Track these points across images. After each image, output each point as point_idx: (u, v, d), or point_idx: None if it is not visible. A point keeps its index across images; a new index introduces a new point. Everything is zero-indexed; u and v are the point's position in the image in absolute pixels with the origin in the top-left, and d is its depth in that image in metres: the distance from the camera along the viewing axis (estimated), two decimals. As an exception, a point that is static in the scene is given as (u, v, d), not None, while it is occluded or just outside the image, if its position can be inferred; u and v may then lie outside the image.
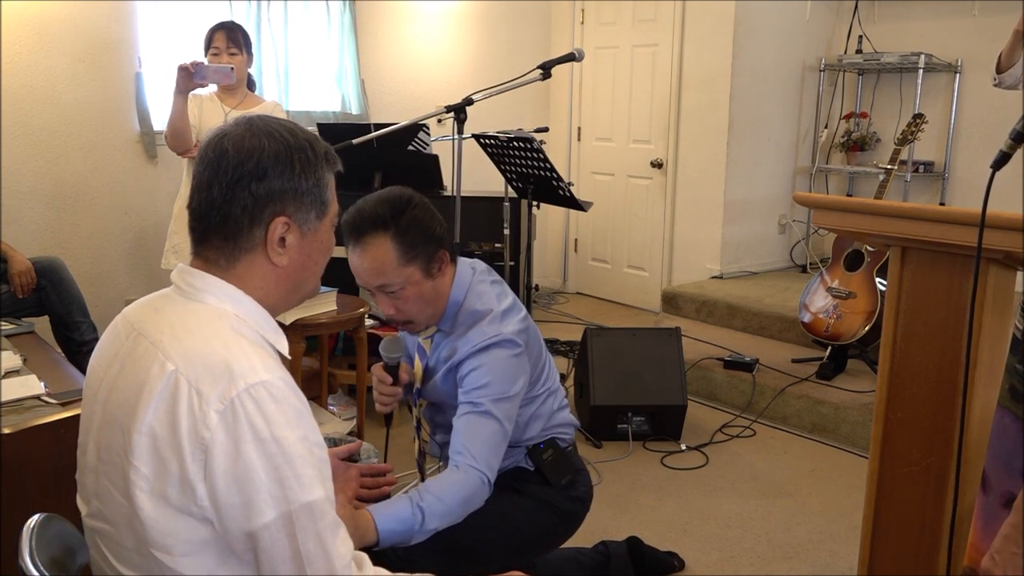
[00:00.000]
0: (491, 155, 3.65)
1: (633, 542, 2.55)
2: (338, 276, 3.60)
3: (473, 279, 1.88)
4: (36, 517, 1.27)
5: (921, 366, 1.83)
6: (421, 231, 1.74)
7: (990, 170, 1.45)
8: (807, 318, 3.95)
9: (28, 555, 1.18)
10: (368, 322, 3.58)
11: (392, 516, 1.60)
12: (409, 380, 1.97)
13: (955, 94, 4.87)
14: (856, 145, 5.28)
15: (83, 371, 3.58)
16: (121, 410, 1.11)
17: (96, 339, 3.64)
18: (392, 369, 1.92)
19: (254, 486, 1.05)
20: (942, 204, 4.96)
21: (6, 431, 1.95)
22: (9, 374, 2.55)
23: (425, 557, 1.66)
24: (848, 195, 5.50)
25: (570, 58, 3.02)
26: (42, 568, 1.17)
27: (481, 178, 4.55)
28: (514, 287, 4.00)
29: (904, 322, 1.85)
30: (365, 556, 1.19)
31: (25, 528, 1.23)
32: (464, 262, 1.91)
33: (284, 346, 1.23)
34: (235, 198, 1.15)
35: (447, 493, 1.67)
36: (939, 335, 1.79)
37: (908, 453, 1.88)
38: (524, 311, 1.91)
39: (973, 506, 1.75)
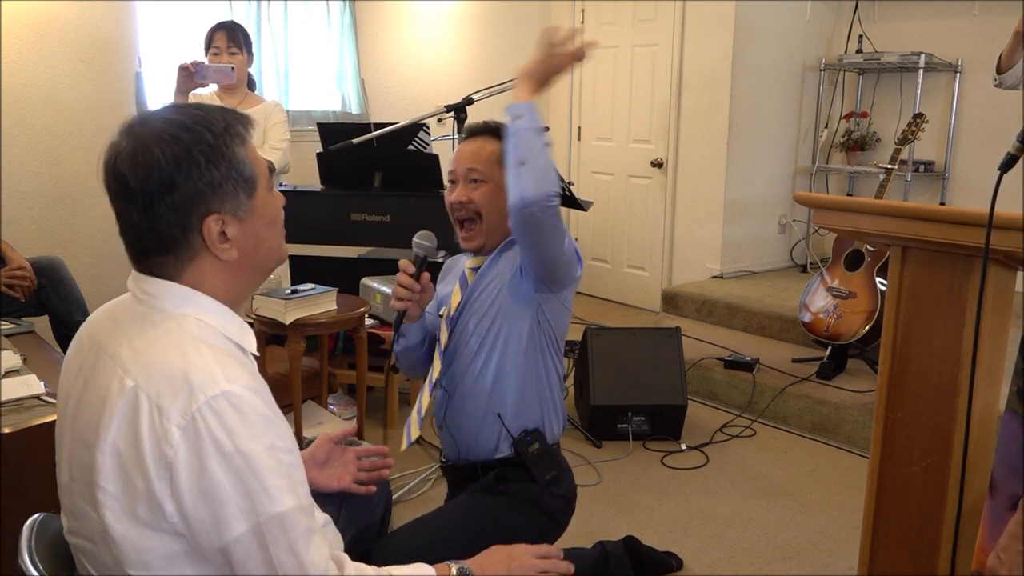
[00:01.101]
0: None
1: (630, 541, 2.55)
2: (338, 276, 3.62)
3: None
4: (36, 516, 1.27)
5: (921, 366, 1.83)
6: None
7: (997, 172, 1.45)
8: (807, 318, 3.95)
9: (27, 555, 1.18)
10: (368, 322, 3.58)
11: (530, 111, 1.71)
12: (428, 296, 1.94)
13: (955, 94, 4.87)
14: (856, 145, 5.28)
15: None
16: (86, 428, 1.09)
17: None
18: (419, 260, 1.89)
19: (221, 501, 1.03)
20: (942, 204, 4.96)
21: (6, 431, 1.96)
22: (9, 373, 2.55)
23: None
24: (848, 195, 5.49)
25: (570, 58, 3.01)
26: (41, 568, 1.17)
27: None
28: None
29: (904, 322, 1.85)
30: (345, 557, 1.18)
31: (24, 528, 1.23)
32: None
33: (251, 343, 1.20)
34: (156, 217, 1.09)
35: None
36: (939, 335, 1.79)
37: (908, 453, 1.88)
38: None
39: (976, 507, 1.75)
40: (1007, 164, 1.43)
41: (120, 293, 1.26)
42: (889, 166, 3.78)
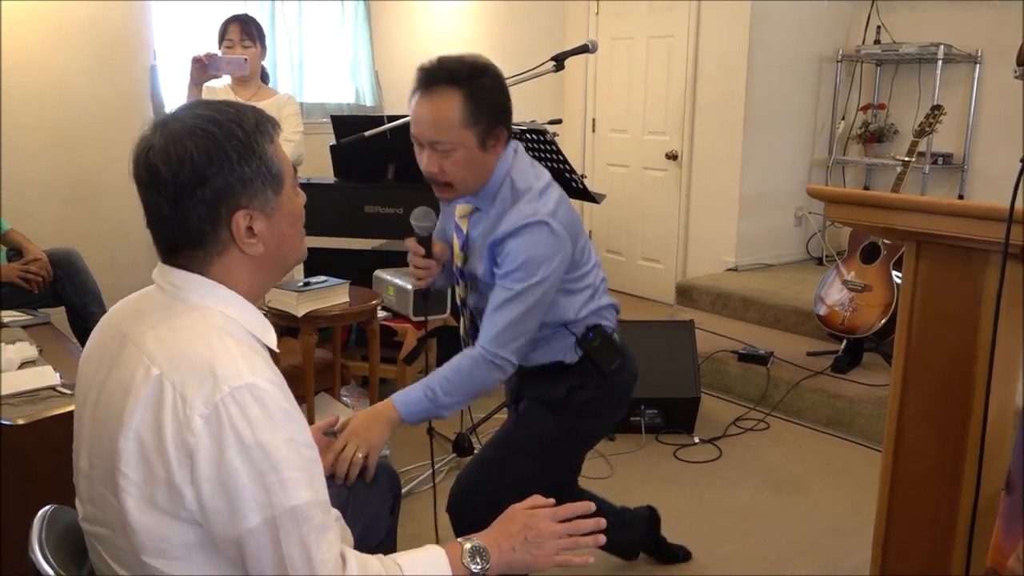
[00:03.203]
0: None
1: (653, 512, 2.56)
2: (351, 268, 3.62)
3: (515, 158, 1.87)
4: (47, 508, 1.28)
5: (936, 361, 1.81)
6: (490, 101, 1.76)
7: (1020, 164, 1.42)
8: (823, 311, 3.92)
9: (38, 546, 1.19)
10: (380, 314, 3.59)
11: (409, 402, 1.77)
12: (445, 257, 2.00)
13: (975, 85, 4.81)
14: (874, 137, 5.23)
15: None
16: (108, 415, 1.10)
17: (112, 330, 3.67)
18: (425, 240, 1.93)
19: (238, 491, 1.04)
20: (961, 196, 4.91)
21: (20, 421, 1.97)
22: (25, 364, 2.57)
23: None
24: (865, 187, 5.45)
25: (583, 50, 2.99)
26: (51, 559, 1.18)
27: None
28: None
29: (919, 317, 1.83)
30: (349, 551, 1.17)
31: (35, 520, 1.24)
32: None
33: (272, 339, 1.21)
34: (186, 210, 1.11)
35: (454, 371, 1.79)
36: (954, 330, 1.77)
37: (922, 449, 1.86)
38: (560, 189, 1.89)
39: (990, 504, 1.73)
40: None
41: (136, 284, 1.27)
42: (906, 159, 3.73)
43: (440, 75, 1.75)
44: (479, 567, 1.25)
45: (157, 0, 4.23)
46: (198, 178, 1.10)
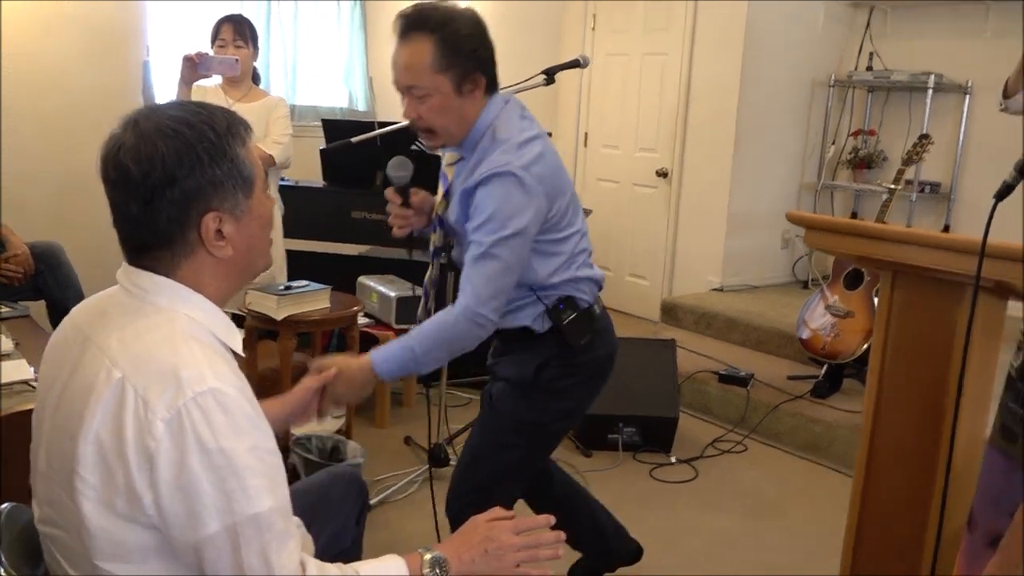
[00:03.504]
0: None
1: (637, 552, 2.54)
2: (336, 273, 3.61)
3: (503, 109, 1.87)
4: (4, 506, 1.26)
5: (908, 392, 1.82)
6: (463, 46, 1.78)
7: (993, 200, 1.44)
8: (805, 334, 3.93)
9: (-9, 545, 1.17)
10: (363, 320, 3.58)
11: (388, 359, 1.76)
12: (427, 205, 2.02)
13: (964, 115, 4.84)
14: (863, 162, 5.26)
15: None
16: (69, 417, 1.09)
17: (91, 326, 3.65)
18: (401, 190, 1.96)
19: (199, 497, 1.03)
20: (947, 226, 4.94)
21: (-10, 416, 1.95)
22: (1, 358, 2.55)
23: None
24: (853, 213, 5.47)
25: (575, 64, 3.00)
26: (3, 559, 1.16)
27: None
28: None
29: (892, 347, 1.84)
30: (308, 558, 1.16)
31: (-9, 518, 1.23)
32: (500, 95, 1.90)
33: (237, 343, 1.21)
34: (155, 211, 1.10)
35: (435, 327, 1.79)
36: (926, 361, 1.78)
37: (892, 479, 1.87)
38: (547, 146, 1.86)
39: (956, 535, 1.73)
40: (1003, 193, 1.42)
41: None
42: (892, 186, 3.75)
43: (414, 21, 1.78)
44: None
45: (152, -3, 4.23)
46: (168, 179, 1.09)
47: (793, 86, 5.23)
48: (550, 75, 2.95)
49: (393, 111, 5.10)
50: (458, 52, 1.78)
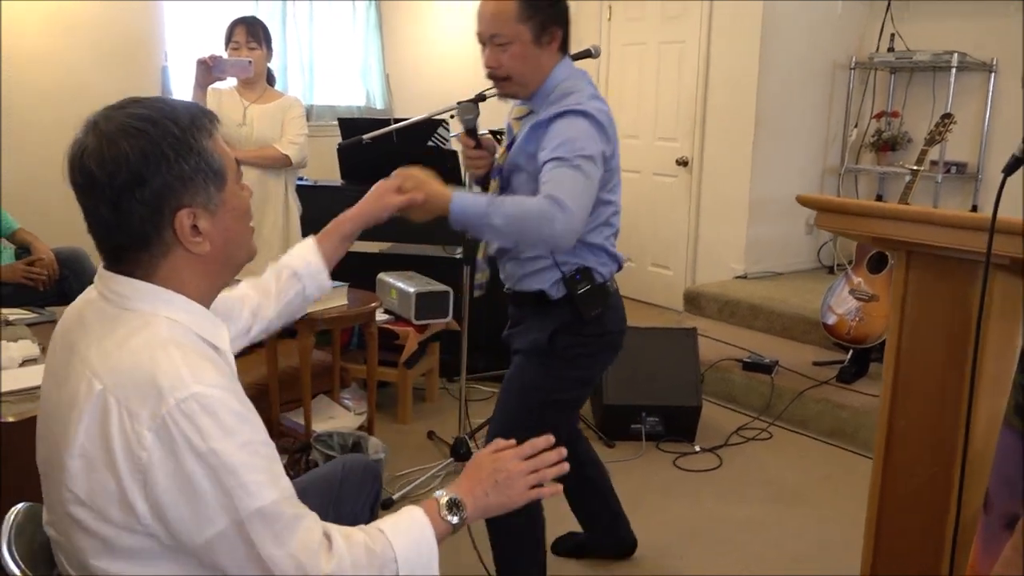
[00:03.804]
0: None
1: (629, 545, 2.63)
2: (355, 270, 3.63)
3: (575, 73, 2.03)
4: (18, 507, 1.29)
5: (926, 375, 1.79)
6: (546, 4, 1.95)
7: (1001, 175, 1.41)
8: (830, 320, 3.88)
9: (5, 545, 1.19)
10: (382, 317, 3.60)
11: (466, 207, 1.76)
12: (493, 148, 2.13)
13: (990, 94, 4.75)
14: (887, 145, 5.18)
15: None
16: (56, 429, 1.10)
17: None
18: (472, 132, 2.09)
19: (200, 497, 1.03)
20: (974, 206, 4.84)
21: (10, 419, 1.99)
22: (26, 362, 2.60)
23: None
24: (878, 196, 5.39)
25: (586, 55, 2.96)
26: (17, 557, 1.18)
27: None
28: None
29: (909, 329, 1.80)
30: (336, 529, 1.16)
31: (7, 517, 1.25)
32: (576, 64, 2.07)
33: (224, 339, 1.20)
34: (127, 213, 1.08)
35: (522, 203, 1.80)
36: (944, 343, 1.74)
37: (912, 464, 1.84)
38: (608, 110, 1.98)
39: (976, 519, 1.70)
40: (1011, 167, 1.39)
41: None
42: (915, 167, 3.69)
43: None
44: (457, 518, 1.25)
45: (169, 0, 4.27)
46: (136, 179, 1.07)
47: (813, 69, 5.16)
48: (561, 66, 2.94)
49: (410, 108, 5.14)
50: (539, 4, 1.93)
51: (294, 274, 1.59)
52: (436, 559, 1.21)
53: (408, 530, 1.21)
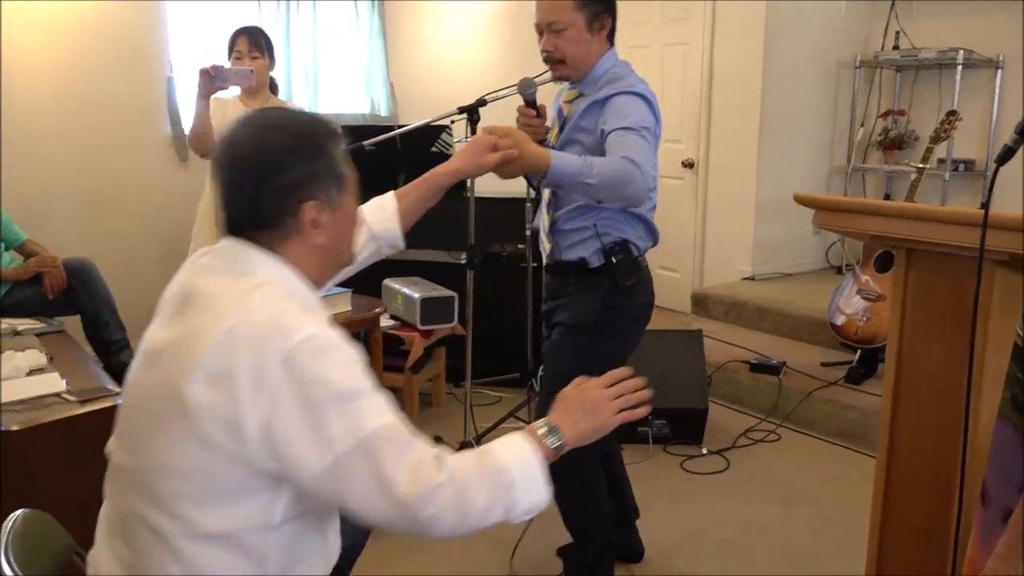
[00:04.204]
0: (511, 156, 3.64)
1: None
2: (360, 276, 3.63)
3: (619, 62, 2.26)
4: (18, 513, 1.30)
5: (927, 373, 1.78)
6: None
7: (994, 164, 1.40)
8: (838, 320, 3.86)
9: (3, 550, 1.20)
10: (388, 322, 3.60)
11: (564, 165, 1.91)
12: (548, 118, 2.30)
13: (996, 90, 4.72)
14: (894, 143, 5.15)
15: (111, 369, 3.68)
16: (174, 365, 1.17)
17: (124, 338, 3.73)
18: (532, 103, 2.26)
19: (325, 424, 1.12)
20: (983, 203, 4.80)
21: (14, 427, 2.00)
22: (33, 372, 2.62)
23: None
24: (886, 195, 5.37)
25: (587, 58, 2.99)
26: (14, 563, 1.19)
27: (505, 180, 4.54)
28: (537, 288, 4.00)
29: (910, 327, 1.80)
30: (445, 453, 1.22)
31: (5, 524, 1.26)
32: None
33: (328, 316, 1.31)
34: (262, 195, 1.23)
35: (611, 163, 1.95)
36: (945, 340, 1.73)
37: (915, 463, 1.83)
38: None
39: (979, 517, 1.69)
40: (1003, 157, 1.38)
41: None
42: (921, 165, 3.67)
43: None
44: (557, 442, 1.32)
45: (173, 9, 4.30)
46: (277, 168, 1.22)
47: (818, 69, 5.15)
48: (560, 69, 2.95)
49: (415, 116, 5.15)
50: None
51: (372, 236, 1.75)
52: (545, 480, 1.27)
53: (515, 452, 1.27)
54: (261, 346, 1.12)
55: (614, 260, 2.20)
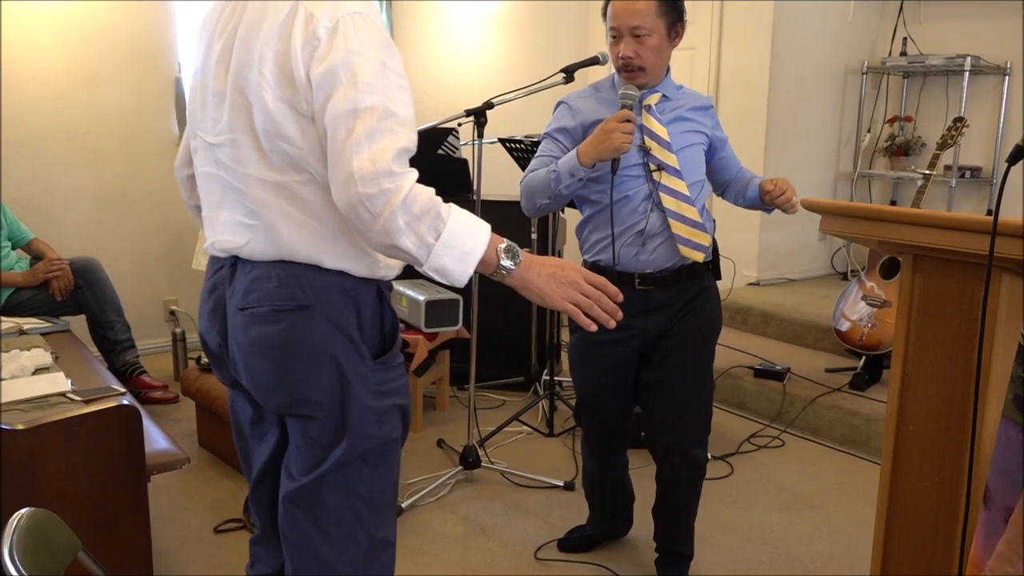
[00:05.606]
0: (517, 159, 3.65)
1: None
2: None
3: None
4: (23, 512, 1.30)
5: (933, 378, 1.77)
6: (677, 3, 2.19)
7: (1006, 163, 1.39)
8: (844, 326, 3.85)
9: (7, 550, 1.20)
10: (393, 325, 3.60)
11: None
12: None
13: (1004, 97, 4.71)
14: (900, 150, 5.15)
15: (116, 369, 3.68)
16: (251, 36, 1.37)
17: (130, 338, 3.74)
18: (634, 108, 2.27)
19: (332, 84, 1.29)
20: (990, 210, 4.81)
21: (19, 427, 2.01)
22: (39, 371, 2.63)
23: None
24: (892, 201, 5.36)
25: (593, 62, 2.99)
26: (19, 562, 1.19)
27: (512, 182, 4.54)
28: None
29: (916, 333, 1.79)
30: (406, 167, 1.32)
31: (10, 522, 1.26)
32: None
33: None
34: None
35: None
36: (951, 346, 1.73)
37: (920, 468, 1.82)
38: None
39: (984, 524, 1.68)
40: (1015, 156, 1.37)
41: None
42: (927, 172, 3.67)
43: None
44: (507, 263, 1.35)
45: (181, 9, 4.31)
46: None
47: (825, 74, 5.15)
48: (569, 73, 2.96)
49: (423, 117, 5.14)
50: (673, 4, 2.16)
51: None
52: (478, 255, 1.32)
53: (468, 222, 1.33)
54: (318, 12, 1.32)
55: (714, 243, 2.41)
